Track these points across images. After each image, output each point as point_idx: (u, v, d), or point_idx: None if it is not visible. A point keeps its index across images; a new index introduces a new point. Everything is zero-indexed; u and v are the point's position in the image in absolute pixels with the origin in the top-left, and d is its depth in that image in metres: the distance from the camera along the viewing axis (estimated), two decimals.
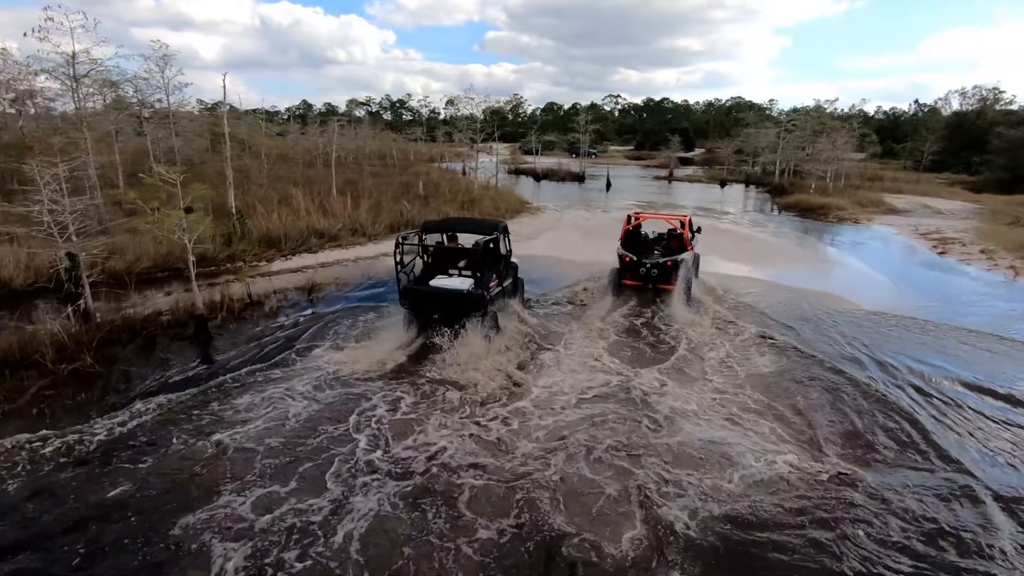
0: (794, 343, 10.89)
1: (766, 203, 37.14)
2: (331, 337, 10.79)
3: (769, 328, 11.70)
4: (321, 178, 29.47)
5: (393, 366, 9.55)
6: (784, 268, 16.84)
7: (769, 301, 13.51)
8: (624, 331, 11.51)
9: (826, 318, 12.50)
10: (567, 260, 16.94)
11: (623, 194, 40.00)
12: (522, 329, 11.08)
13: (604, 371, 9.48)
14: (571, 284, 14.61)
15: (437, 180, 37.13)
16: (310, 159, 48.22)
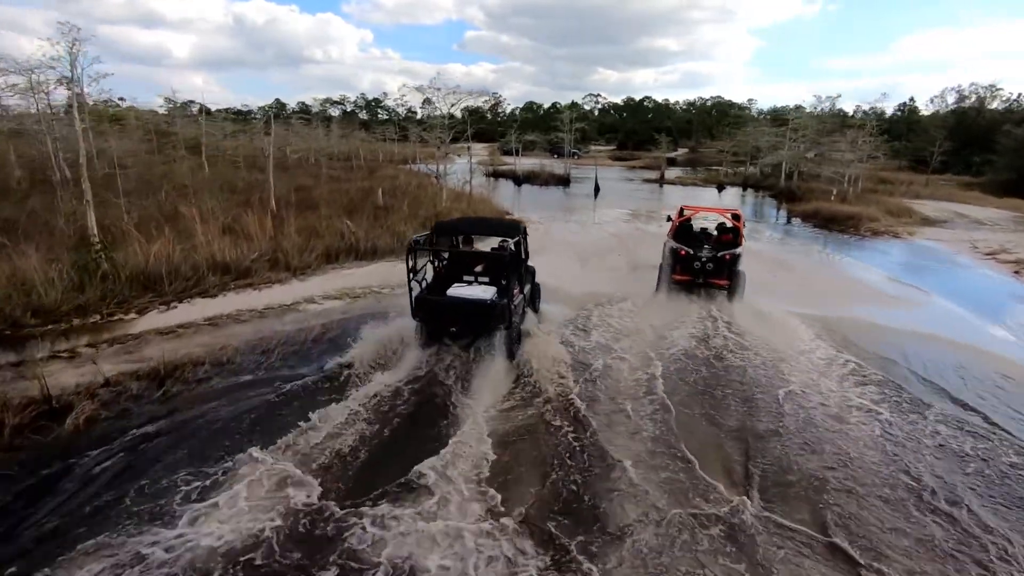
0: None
1: (777, 210, 32.98)
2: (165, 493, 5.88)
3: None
4: (268, 184, 24.22)
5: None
6: (858, 307, 12.43)
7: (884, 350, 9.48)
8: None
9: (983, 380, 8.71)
10: (563, 292, 12.25)
11: (614, 199, 35.52)
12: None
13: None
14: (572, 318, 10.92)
15: (403, 185, 32.25)
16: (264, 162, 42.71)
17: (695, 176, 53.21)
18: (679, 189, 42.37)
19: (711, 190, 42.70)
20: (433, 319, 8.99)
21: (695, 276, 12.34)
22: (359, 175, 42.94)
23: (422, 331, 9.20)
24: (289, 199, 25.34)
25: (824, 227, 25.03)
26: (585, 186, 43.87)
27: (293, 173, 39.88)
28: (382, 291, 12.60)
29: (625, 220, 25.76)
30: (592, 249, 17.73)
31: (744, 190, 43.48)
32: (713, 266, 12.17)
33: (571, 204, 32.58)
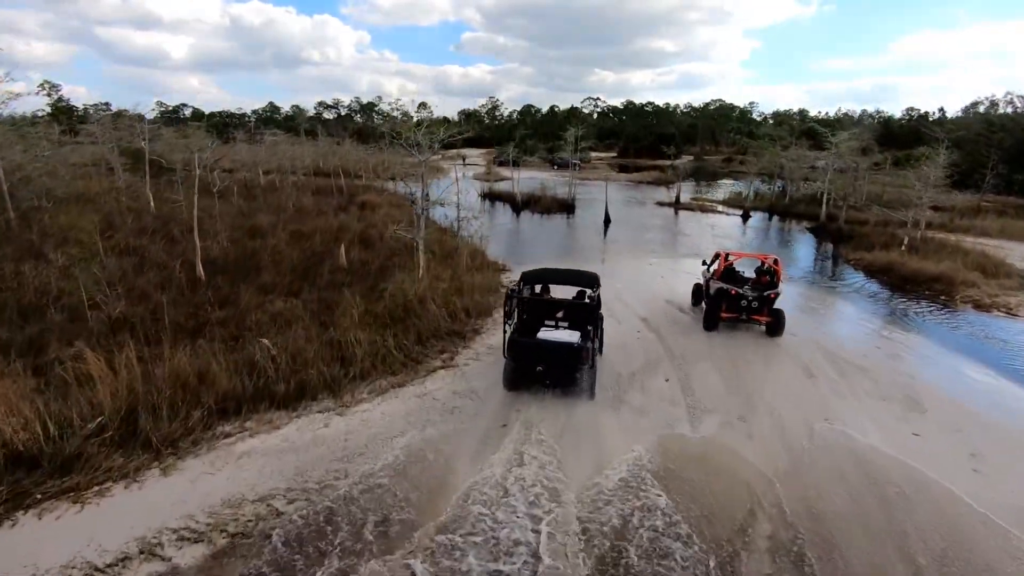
0: None
1: (826, 255, 27.61)
2: None
3: None
4: (194, 243, 18.71)
5: None
6: None
7: None
8: None
9: None
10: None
11: (628, 233, 30.14)
12: None
13: None
14: None
15: (381, 223, 26.99)
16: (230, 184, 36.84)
17: (709, 194, 47.67)
18: (699, 219, 36.93)
19: (734, 217, 37.32)
20: (524, 359, 9.96)
21: (740, 313, 13.96)
22: (336, 202, 37.46)
23: (509, 372, 10.18)
24: (226, 258, 19.90)
25: (900, 289, 19.67)
26: (591, 212, 38.45)
27: (258, 203, 34.38)
28: (300, 510, 7.22)
29: (658, 279, 20.39)
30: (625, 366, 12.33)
31: (770, 218, 38.07)
32: (758, 303, 13.79)
33: (579, 244, 27.19)
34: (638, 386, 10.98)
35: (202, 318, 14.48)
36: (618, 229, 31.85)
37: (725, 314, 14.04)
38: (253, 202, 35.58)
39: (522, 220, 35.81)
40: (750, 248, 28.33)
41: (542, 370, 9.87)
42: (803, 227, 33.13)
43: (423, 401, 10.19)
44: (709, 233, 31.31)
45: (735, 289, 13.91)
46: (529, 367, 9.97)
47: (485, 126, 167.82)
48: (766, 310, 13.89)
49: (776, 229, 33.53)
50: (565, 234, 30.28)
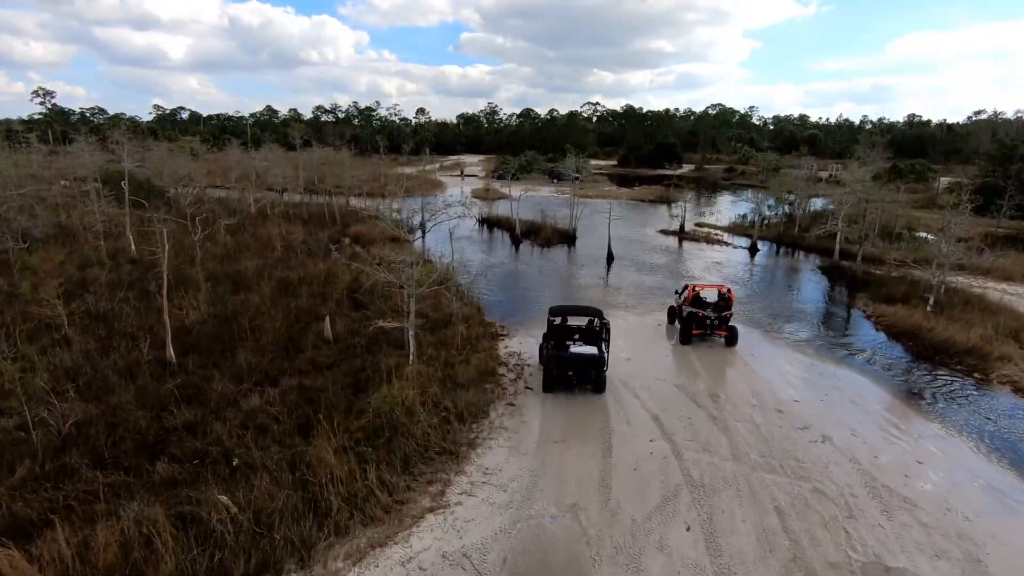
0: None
1: (833, 296, 26.10)
2: None
3: None
4: (163, 319, 17.08)
5: None
6: None
7: None
8: None
9: None
10: None
11: (630, 276, 28.66)
12: None
13: None
14: None
15: (372, 262, 25.41)
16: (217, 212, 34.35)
17: (712, 208, 46.09)
18: (704, 253, 35.37)
19: (740, 251, 35.78)
20: (559, 367, 14.44)
21: (705, 329, 18.39)
22: (327, 234, 35.85)
23: (546, 378, 14.83)
24: (202, 327, 18.32)
25: (927, 359, 18.18)
26: (592, 241, 36.94)
27: (245, 237, 32.74)
28: None
29: (668, 351, 18.89)
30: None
31: (778, 251, 36.53)
32: (718, 322, 18.31)
33: (581, 293, 25.62)
34: (655, 543, 9.45)
35: (167, 422, 12.96)
36: (621, 270, 30.30)
37: (695, 331, 18.58)
38: (241, 235, 34.01)
39: (521, 255, 34.23)
40: (757, 286, 26.96)
41: (572, 373, 14.43)
42: (814, 266, 31.54)
43: (407, 573, 8.67)
44: (716, 273, 29.78)
45: (701, 312, 18.52)
46: (562, 372, 14.43)
47: (485, 130, 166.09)
48: (724, 327, 18.40)
49: (784, 268, 31.93)
50: (565, 276, 28.70)
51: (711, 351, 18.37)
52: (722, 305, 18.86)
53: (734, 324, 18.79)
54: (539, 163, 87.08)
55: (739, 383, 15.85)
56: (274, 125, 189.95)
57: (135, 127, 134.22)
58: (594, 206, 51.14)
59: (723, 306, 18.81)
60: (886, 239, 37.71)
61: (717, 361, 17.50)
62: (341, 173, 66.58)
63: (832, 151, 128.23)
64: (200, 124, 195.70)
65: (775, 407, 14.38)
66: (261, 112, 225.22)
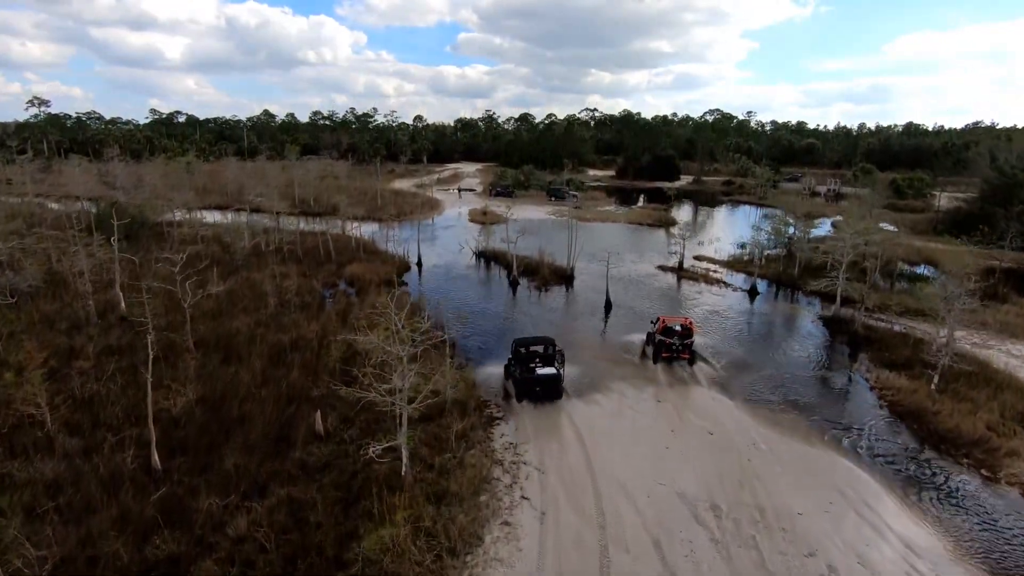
0: None
1: (832, 355, 25.60)
2: None
3: None
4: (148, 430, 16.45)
5: None
6: None
7: None
8: None
9: None
10: None
11: (629, 326, 28.18)
12: None
13: None
14: None
15: (368, 317, 24.82)
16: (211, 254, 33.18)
17: (718, 263, 45.50)
18: (704, 295, 34.85)
19: (740, 293, 35.26)
20: (529, 384, 19.63)
21: (672, 353, 23.20)
22: (322, 277, 35.24)
23: (518, 392, 19.93)
24: (190, 419, 17.73)
25: (932, 446, 17.73)
26: (590, 281, 36.41)
27: (236, 283, 32.06)
28: None
29: (670, 444, 18.41)
30: None
31: (777, 293, 36.02)
32: (682, 348, 23.11)
33: (578, 356, 25.09)
34: None
35: (150, 554, 12.43)
36: (621, 319, 29.80)
37: (664, 354, 23.30)
38: (235, 279, 33.41)
39: (519, 300, 33.65)
40: (757, 344, 26.49)
41: (539, 389, 19.66)
42: (815, 315, 31.04)
43: None
44: (716, 323, 29.32)
45: (669, 340, 23.22)
46: (531, 388, 19.63)
47: (482, 137, 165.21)
48: (687, 352, 23.19)
49: (784, 318, 31.38)
50: (563, 329, 28.05)
51: (715, 448, 17.89)
52: (685, 334, 23.36)
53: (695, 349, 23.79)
54: (537, 177, 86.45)
55: (743, 490, 15.33)
56: (271, 131, 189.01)
57: (130, 138, 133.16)
58: (592, 231, 50.68)
59: (686, 335, 23.37)
60: (887, 278, 37.27)
61: (725, 460, 16.97)
62: (338, 193, 65.98)
63: (830, 160, 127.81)
64: (198, 128, 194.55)
65: (779, 524, 13.89)
66: (259, 116, 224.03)
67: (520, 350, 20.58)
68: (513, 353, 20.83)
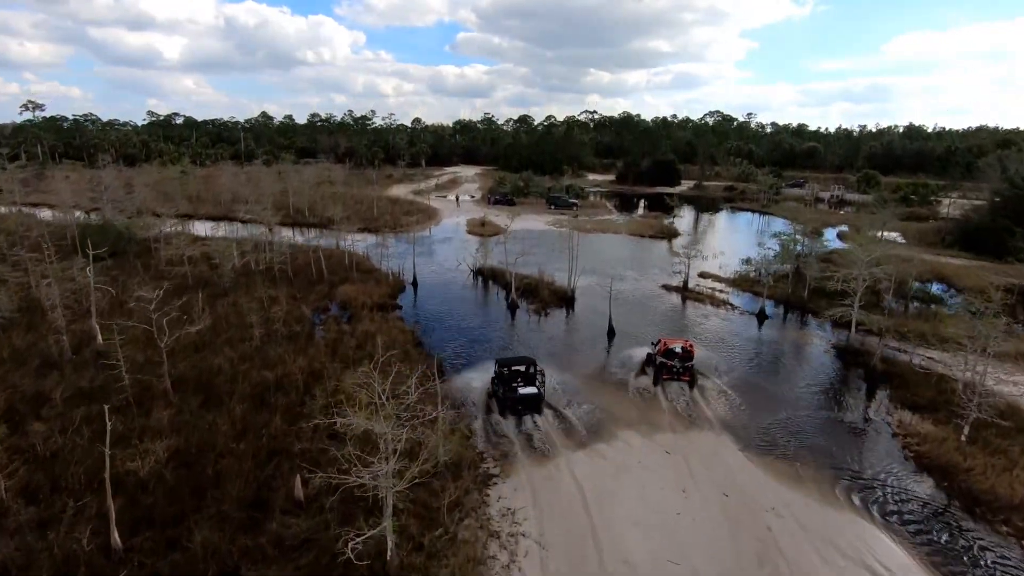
0: None
1: (846, 391, 24.15)
2: None
3: None
4: None
5: None
6: None
7: None
8: None
9: None
10: None
11: (634, 355, 26.73)
12: None
13: None
14: None
15: (361, 347, 23.30)
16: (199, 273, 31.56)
17: (718, 268, 44.02)
18: (710, 318, 33.38)
19: (747, 317, 33.78)
20: (513, 403, 20.37)
21: (673, 375, 23.44)
22: (313, 299, 33.73)
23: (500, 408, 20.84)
24: (157, 484, 16.21)
25: (965, 507, 16.29)
26: (592, 303, 34.96)
27: (222, 307, 30.52)
28: None
29: (682, 507, 16.99)
30: None
31: (786, 315, 34.54)
32: (683, 370, 23.34)
33: (578, 385, 23.64)
34: None
35: None
36: (624, 346, 28.33)
37: (665, 375, 23.43)
38: (221, 302, 31.92)
39: (517, 324, 32.15)
40: (767, 377, 25.07)
41: (521, 408, 20.35)
42: (827, 343, 29.55)
43: None
44: (724, 352, 27.88)
45: (670, 363, 23.30)
46: (514, 406, 20.36)
47: (481, 139, 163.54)
48: (687, 374, 23.31)
49: (795, 346, 29.85)
50: (563, 362, 26.59)
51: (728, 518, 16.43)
52: (685, 356, 23.48)
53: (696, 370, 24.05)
54: (536, 184, 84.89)
55: (762, 570, 13.86)
56: (269, 133, 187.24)
57: (125, 142, 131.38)
58: (593, 243, 49.14)
59: (686, 357, 23.50)
60: (900, 299, 35.77)
61: (742, 530, 15.51)
62: (333, 202, 64.45)
63: (832, 163, 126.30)
64: (195, 130, 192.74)
65: None
66: (256, 118, 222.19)
67: (503, 370, 21.43)
68: (496, 373, 21.69)
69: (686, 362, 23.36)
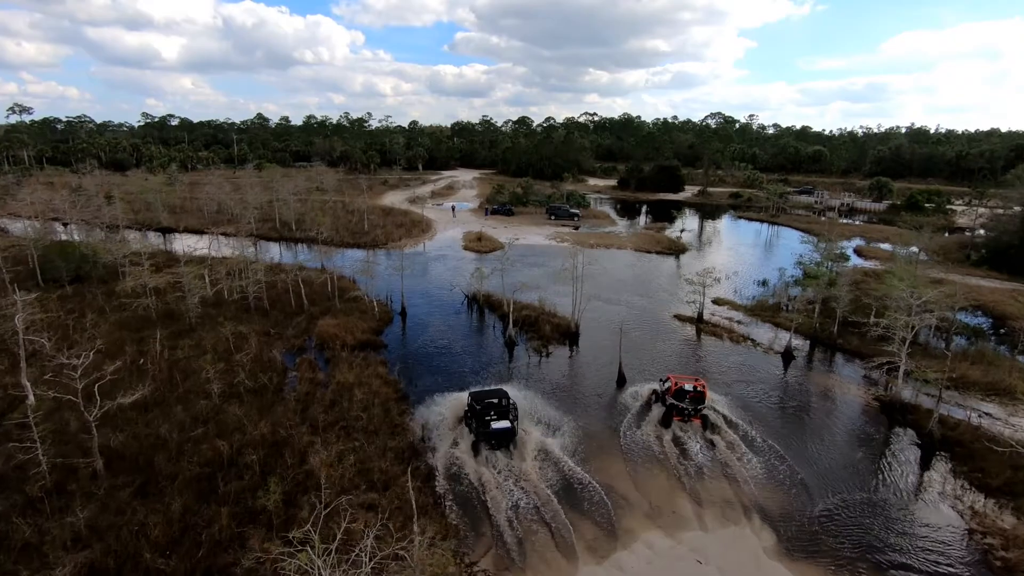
0: None
1: (897, 466, 20.57)
2: None
3: None
4: None
5: None
6: None
7: None
8: None
9: None
10: None
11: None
12: None
13: None
14: None
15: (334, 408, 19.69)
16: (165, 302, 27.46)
17: (733, 293, 40.41)
18: (730, 356, 29.78)
19: (771, 357, 30.17)
20: (487, 438, 19.96)
21: (684, 417, 22.03)
22: (290, 336, 30.10)
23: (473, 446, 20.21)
24: None
25: None
26: (598, 337, 31.39)
27: (182, 349, 26.85)
28: None
29: None
30: None
31: (811, 354, 30.90)
32: (694, 412, 21.90)
33: (588, 456, 20.06)
34: None
35: None
36: (634, 397, 24.74)
37: (676, 417, 22.03)
38: (182, 343, 28.28)
39: (515, 365, 28.50)
40: (797, 423, 21.53)
41: (494, 442, 20.12)
42: (868, 393, 25.89)
43: None
44: (749, 403, 24.31)
45: (681, 405, 21.92)
46: (488, 440, 20.12)
47: (479, 143, 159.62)
48: (698, 416, 21.89)
49: (826, 396, 26.07)
50: (570, 420, 23.02)
51: None
52: (697, 398, 22.06)
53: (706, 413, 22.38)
54: (535, 192, 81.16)
55: None
56: (264, 136, 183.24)
57: (114, 147, 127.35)
58: (597, 259, 45.40)
59: (698, 398, 22.06)
60: (939, 333, 32.19)
61: None
62: (322, 214, 60.78)
63: (838, 168, 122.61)
64: (188, 133, 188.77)
65: None
66: (252, 120, 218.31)
67: (476, 404, 20.80)
68: (469, 406, 21.17)
69: (698, 404, 21.93)
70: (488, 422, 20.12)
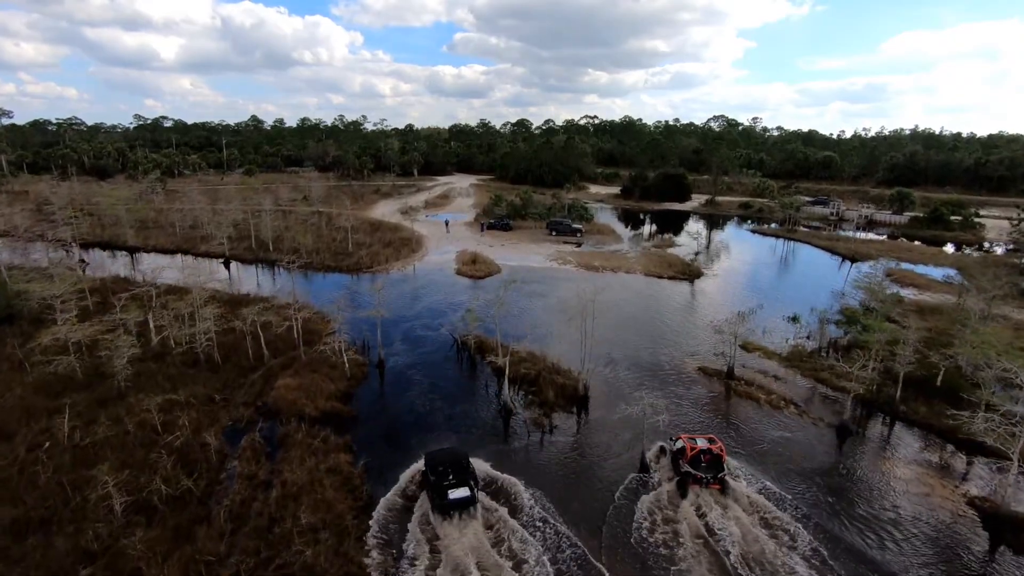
0: None
1: None
2: None
3: None
4: None
5: None
6: None
7: None
8: None
9: None
10: None
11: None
12: None
13: None
14: None
15: None
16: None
17: (762, 337, 34.83)
18: (770, 431, 24.24)
19: (822, 430, 24.70)
20: (446, 507, 18.03)
21: (701, 484, 19.66)
22: (243, 394, 24.54)
23: (433, 507, 18.38)
24: None
25: None
26: (611, 402, 25.90)
27: (100, 425, 21.18)
28: None
29: None
30: None
31: (866, 421, 25.32)
32: (713, 479, 19.62)
33: None
34: None
35: None
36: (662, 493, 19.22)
37: (692, 484, 19.83)
38: (108, 412, 22.75)
39: (512, 446, 22.94)
40: (871, 535, 16.04)
41: (454, 511, 18.17)
42: (961, 495, 20.26)
43: None
44: (799, 493, 18.78)
45: (698, 474, 19.80)
46: (447, 509, 18.13)
47: (477, 147, 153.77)
48: (717, 482, 19.69)
49: (905, 489, 20.55)
50: (578, 529, 17.53)
51: None
52: (715, 462, 20.12)
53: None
54: (535, 205, 75.50)
55: None
56: (257, 139, 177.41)
57: (99, 152, 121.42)
58: (603, 288, 39.64)
59: (716, 463, 20.10)
60: (1009, 388, 26.64)
61: None
62: (303, 233, 55.24)
63: (848, 174, 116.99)
64: (184, 134, 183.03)
65: None
66: (247, 122, 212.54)
67: (436, 468, 19.09)
68: (427, 468, 19.42)
69: (717, 469, 19.93)
70: (445, 490, 18.34)
